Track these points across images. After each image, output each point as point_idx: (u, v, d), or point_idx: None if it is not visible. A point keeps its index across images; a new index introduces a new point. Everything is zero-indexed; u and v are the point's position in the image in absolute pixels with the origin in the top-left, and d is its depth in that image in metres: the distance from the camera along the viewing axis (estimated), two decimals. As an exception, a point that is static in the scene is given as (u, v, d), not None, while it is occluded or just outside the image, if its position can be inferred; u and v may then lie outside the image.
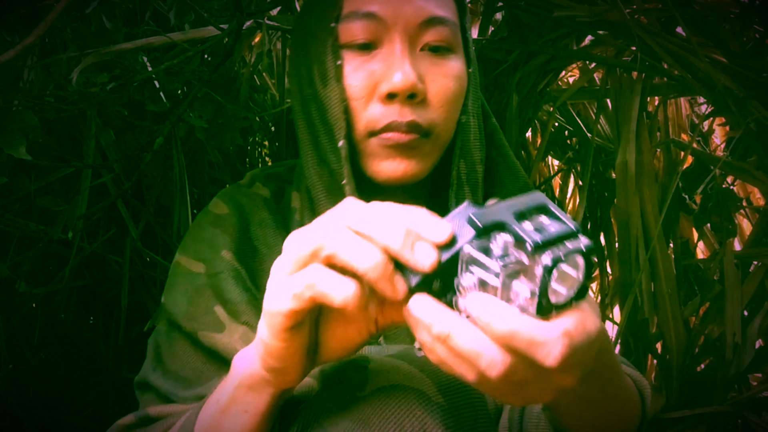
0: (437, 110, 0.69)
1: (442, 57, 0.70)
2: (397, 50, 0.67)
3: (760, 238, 1.23)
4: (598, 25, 1.17)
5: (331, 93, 0.69)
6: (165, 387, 0.68)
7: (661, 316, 1.17)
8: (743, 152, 1.25)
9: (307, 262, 0.46)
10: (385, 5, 0.68)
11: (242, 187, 0.79)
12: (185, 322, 0.69)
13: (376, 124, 0.68)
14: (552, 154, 1.56)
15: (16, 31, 0.94)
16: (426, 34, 0.69)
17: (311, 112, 0.72)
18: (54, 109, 0.95)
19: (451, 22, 0.70)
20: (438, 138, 0.71)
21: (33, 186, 1.02)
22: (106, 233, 1.17)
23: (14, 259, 1.03)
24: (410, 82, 0.66)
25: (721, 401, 1.15)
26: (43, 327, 1.20)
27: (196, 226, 0.77)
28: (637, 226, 1.17)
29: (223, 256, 0.72)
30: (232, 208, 0.76)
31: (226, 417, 0.55)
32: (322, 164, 0.71)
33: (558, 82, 1.43)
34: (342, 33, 0.69)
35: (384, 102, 0.68)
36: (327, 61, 0.69)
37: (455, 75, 0.70)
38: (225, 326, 0.68)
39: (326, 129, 0.70)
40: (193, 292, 0.71)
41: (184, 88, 1.18)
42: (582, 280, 0.43)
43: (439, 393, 0.53)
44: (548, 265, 0.41)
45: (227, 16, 1.05)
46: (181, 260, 0.75)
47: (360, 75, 0.68)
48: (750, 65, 1.09)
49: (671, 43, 1.10)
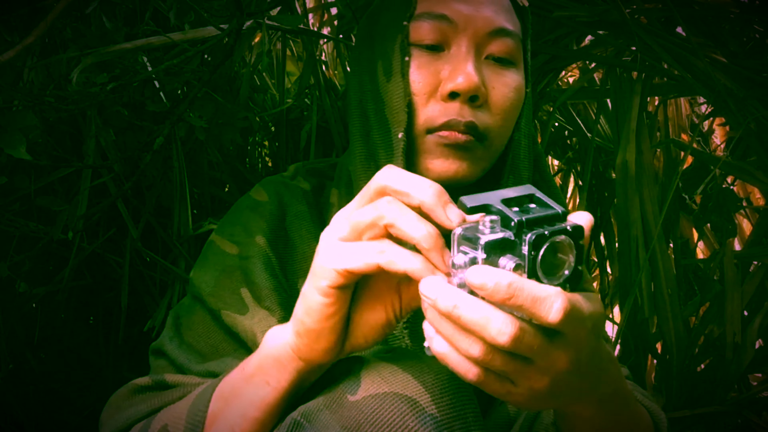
0: (495, 116, 0.71)
1: (504, 68, 0.72)
2: (463, 53, 0.70)
3: (760, 238, 1.23)
4: (598, 25, 1.17)
5: (394, 87, 0.70)
6: (180, 358, 0.70)
7: (661, 316, 1.17)
8: (743, 152, 1.25)
9: (365, 230, 0.50)
10: (458, 10, 0.70)
11: (285, 178, 0.82)
12: (210, 299, 0.72)
13: (435, 121, 0.70)
14: (552, 154, 1.57)
15: (16, 31, 0.94)
16: (492, 44, 0.71)
17: (368, 107, 0.74)
18: (54, 109, 0.95)
19: (517, 36, 0.73)
20: (491, 145, 0.72)
21: (33, 186, 1.02)
22: (106, 233, 1.17)
23: (14, 259, 1.03)
24: (474, 83, 0.68)
25: (721, 401, 1.15)
26: (43, 327, 1.20)
27: (235, 209, 0.80)
28: (637, 226, 1.17)
29: (256, 242, 0.74)
30: (271, 196, 0.79)
31: (249, 386, 0.57)
32: (370, 159, 0.73)
33: (558, 82, 1.43)
34: (412, 31, 0.71)
35: (445, 100, 0.69)
36: (394, 57, 0.71)
37: (515, 87, 0.72)
38: (248, 309, 0.70)
39: (381, 124, 0.72)
40: (222, 271, 0.74)
41: (184, 88, 1.18)
42: (573, 264, 0.45)
43: (433, 403, 0.53)
44: (532, 239, 0.44)
45: (227, 16, 1.05)
46: (216, 239, 0.78)
47: (425, 72, 0.70)
48: (750, 65, 1.09)
49: (671, 43, 1.10)
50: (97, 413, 0.75)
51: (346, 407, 0.54)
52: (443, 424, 0.52)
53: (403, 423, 0.52)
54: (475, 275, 0.44)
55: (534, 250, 0.44)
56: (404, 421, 0.52)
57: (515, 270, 0.44)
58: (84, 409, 1.26)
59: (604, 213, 1.47)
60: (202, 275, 0.75)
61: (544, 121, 1.43)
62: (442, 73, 0.70)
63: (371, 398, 0.53)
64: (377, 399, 0.53)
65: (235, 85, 1.25)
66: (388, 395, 0.53)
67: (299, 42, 1.41)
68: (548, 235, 0.44)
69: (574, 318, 0.44)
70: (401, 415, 0.52)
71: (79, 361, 1.27)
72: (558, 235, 0.45)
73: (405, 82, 0.70)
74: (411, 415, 0.52)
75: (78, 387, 1.26)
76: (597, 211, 1.49)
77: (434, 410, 0.53)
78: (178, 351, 0.71)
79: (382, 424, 0.52)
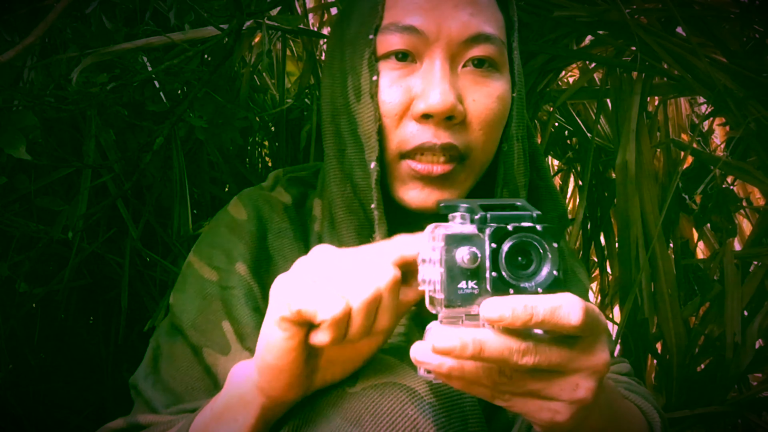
0: (476, 133, 0.66)
1: (485, 75, 0.66)
2: (436, 67, 0.64)
3: (760, 238, 1.24)
4: (598, 25, 1.17)
5: (364, 109, 0.65)
6: (154, 399, 0.67)
7: (661, 316, 1.17)
8: (743, 152, 1.25)
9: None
10: (428, 18, 0.64)
11: (263, 191, 0.77)
12: (192, 332, 0.69)
13: (407, 144, 0.65)
14: (552, 154, 1.57)
15: (16, 31, 0.94)
16: (470, 51, 0.65)
17: (341, 124, 0.68)
18: (54, 109, 0.95)
19: (498, 39, 0.66)
20: (474, 162, 0.67)
21: (33, 186, 1.02)
22: (106, 233, 1.17)
23: (14, 259, 1.03)
24: (448, 104, 0.62)
25: (721, 401, 1.15)
26: (43, 327, 1.20)
27: (214, 228, 0.75)
28: (637, 226, 1.17)
29: (237, 270, 0.70)
30: (250, 213, 0.74)
31: (219, 424, 0.56)
32: (346, 180, 0.68)
33: (558, 82, 1.43)
34: (380, 45, 0.65)
35: (419, 121, 0.64)
36: (362, 76, 0.65)
37: (498, 96, 0.66)
38: (230, 348, 0.67)
39: (356, 144, 0.67)
40: (203, 300, 0.70)
41: (184, 88, 1.18)
42: (545, 266, 0.45)
43: (431, 391, 0.53)
44: (490, 232, 0.44)
45: (227, 16, 1.05)
46: (194, 262, 0.73)
47: (396, 91, 0.65)
48: (750, 65, 1.09)
49: (671, 43, 1.10)
50: (97, 413, 0.75)
51: (345, 399, 0.54)
52: (442, 412, 0.53)
53: (402, 412, 0.52)
54: (490, 309, 0.43)
55: (495, 243, 0.44)
56: (403, 410, 0.52)
57: (472, 261, 0.44)
58: (84, 409, 1.26)
59: (604, 213, 1.47)
60: (182, 302, 0.71)
61: (544, 121, 1.43)
62: (414, 90, 0.64)
63: (370, 389, 0.54)
64: (376, 389, 0.54)
65: (235, 85, 1.25)
66: (387, 385, 0.54)
67: (299, 42, 1.41)
68: (510, 231, 0.44)
69: (592, 317, 0.44)
70: (400, 404, 0.52)
71: (79, 361, 1.27)
72: (523, 232, 0.44)
73: (374, 104, 0.64)
74: (410, 403, 0.52)
75: (78, 387, 1.26)
76: (597, 211, 1.49)
77: (432, 398, 0.53)
78: (152, 391, 0.68)
79: (382, 414, 0.52)
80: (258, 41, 1.34)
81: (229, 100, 1.16)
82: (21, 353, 1.18)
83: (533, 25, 1.21)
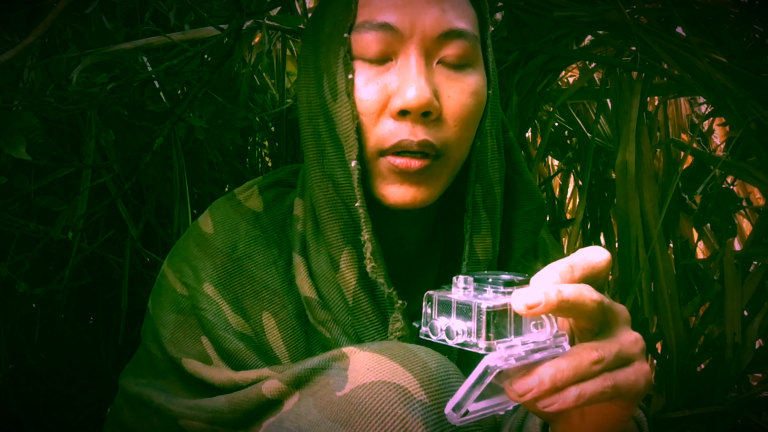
0: (451, 129, 0.67)
1: (459, 72, 0.67)
2: (412, 64, 0.64)
3: (760, 238, 1.23)
4: (598, 25, 1.17)
5: (341, 108, 0.66)
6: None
7: (661, 316, 1.17)
8: (743, 152, 1.25)
9: None
10: (402, 15, 0.65)
11: (234, 199, 0.76)
12: (171, 347, 0.69)
13: (385, 142, 0.65)
14: (552, 154, 1.57)
15: (16, 31, 0.94)
16: (444, 48, 0.66)
17: (319, 124, 0.69)
18: (54, 109, 0.95)
19: (472, 35, 0.67)
20: (449, 159, 0.68)
21: (33, 186, 1.02)
22: (106, 233, 1.17)
23: (14, 259, 1.03)
24: (425, 99, 0.63)
25: (721, 401, 1.15)
26: (43, 327, 1.20)
27: (184, 240, 0.75)
28: (637, 226, 1.17)
29: (204, 291, 0.70)
30: (218, 227, 0.73)
31: None
32: (327, 180, 0.68)
33: (558, 82, 1.43)
34: (355, 43, 0.66)
35: (396, 118, 0.65)
36: (338, 74, 0.66)
37: (472, 91, 0.67)
38: (212, 361, 0.67)
39: (335, 144, 0.67)
40: (179, 314, 0.70)
41: (184, 88, 1.18)
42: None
43: (422, 389, 0.53)
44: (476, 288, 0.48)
45: (227, 16, 1.05)
46: (167, 273, 0.73)
47: (372, 89, 0.65)
48: (750, 65, 1.09)
49: (671, 43, 1.10)
50: (97, 413, 0.75)
51: (334, 401, 0.54)
52: (432, 410, 0.52)
53: (391, 411, 0.52)
54: (521, 298, 0.45)
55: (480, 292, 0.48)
56: (393, 409, 0.52)
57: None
58: (84, 409, 1.26)
59: (604, 213, 1.47)
60: (161, 314, 0.71)
61: (544, 121, 1.43)
62: (390, 87, 0.65)
63: (359, 389, 0.54)
64: (365, 389, 0.53)
65: (235, 85, 1.25)
66: (376, 384, 0.53)
67: (299, 42, 1.41)
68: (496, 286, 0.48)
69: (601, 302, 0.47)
70: (390, 403, 0.52)
71: (78, 361, 1.27)
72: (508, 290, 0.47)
73: (351, 102, 0.65)
74: (399, 402, 0.52)
75: (78, 387, 1.26)
76: (597, 211, 1.49)
77: (423, 396, 0.53)
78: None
79: (371, 414, 0.52)
80: (258, 41, 1.34)
81: (229, 100, 1.16)
82: (21, 353, 1.18)
83: (533, 25, 1.21)
